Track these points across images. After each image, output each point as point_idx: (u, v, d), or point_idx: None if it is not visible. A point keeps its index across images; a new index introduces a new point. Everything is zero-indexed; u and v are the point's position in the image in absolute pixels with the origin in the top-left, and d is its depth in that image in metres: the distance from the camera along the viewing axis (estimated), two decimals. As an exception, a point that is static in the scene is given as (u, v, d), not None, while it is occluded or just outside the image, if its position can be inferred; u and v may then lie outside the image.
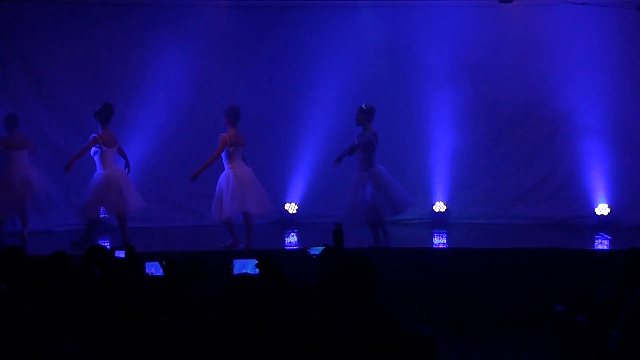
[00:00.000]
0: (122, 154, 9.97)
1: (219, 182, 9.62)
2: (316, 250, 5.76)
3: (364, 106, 9.62)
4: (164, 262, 5.20)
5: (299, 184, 11.84)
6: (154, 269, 5.54)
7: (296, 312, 4.38)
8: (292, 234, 11.15)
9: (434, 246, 10.44)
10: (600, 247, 10.40)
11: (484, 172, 11.92)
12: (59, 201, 10.46)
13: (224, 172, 9.61)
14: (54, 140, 11.48)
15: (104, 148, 9.60)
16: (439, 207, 11.88)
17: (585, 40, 11.55)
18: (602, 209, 11.57)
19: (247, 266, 5.21)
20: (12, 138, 10.13)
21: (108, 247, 6.96)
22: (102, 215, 10.72)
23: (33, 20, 11.32)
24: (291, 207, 11.90)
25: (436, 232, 11.21)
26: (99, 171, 9.69)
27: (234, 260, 5.38)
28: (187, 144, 11.40)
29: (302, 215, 11.87)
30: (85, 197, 9.76)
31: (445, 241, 10.82)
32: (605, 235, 10.82)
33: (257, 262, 4.57)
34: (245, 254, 5.44)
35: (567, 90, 11.60)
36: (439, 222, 11.71)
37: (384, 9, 11.81)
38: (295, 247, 10.19)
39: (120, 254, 5.95)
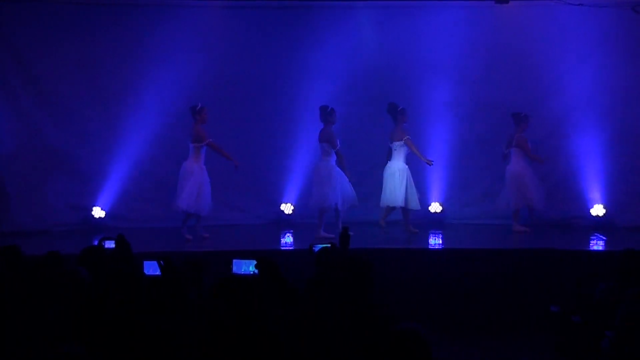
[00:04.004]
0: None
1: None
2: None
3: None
4: (161, 262, 5.22)
5: (295, 185, 11.85)
6: (152, 268, 5.55)
7: (294, 313, 4.39)
8: (288, 234, 11.16)
9: (430, 247, 10.45)
10: (595, 247, 10.41)
11: (479, 173, 11.95)
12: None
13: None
14: (52, 141, 11.47)
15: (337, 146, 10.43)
16: (435, 207, 11.92)
17: (582, 40, 11.59)
18: (598, 210, 11.61)
19: (246, 267, 5.21)
20: (195, 130, 10.35)
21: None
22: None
23: (31, 20, 11.28)
24: (287, 208, 11.92)
25: (432, 233, 11.22)
26: (325, 163, 10.48)
27: (234, 261, 5.39)
28: (187, 144, 11.37)
29: (298, 215, 11.89)
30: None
31: (441, 242, 10.82)
32: (601, 236, 10.85)
33: (256, 263, 4.59)
34: (245, 255, 5.43)
35: (562, 90, 11.63)
36: (435, 222, 11.75)
37: (382, 9, 11.85)
38: (290, 248, 10.20)
39: (110, 244, 5.93)
